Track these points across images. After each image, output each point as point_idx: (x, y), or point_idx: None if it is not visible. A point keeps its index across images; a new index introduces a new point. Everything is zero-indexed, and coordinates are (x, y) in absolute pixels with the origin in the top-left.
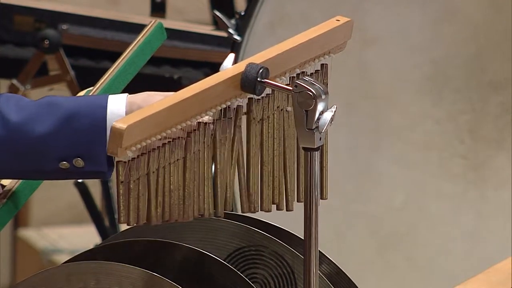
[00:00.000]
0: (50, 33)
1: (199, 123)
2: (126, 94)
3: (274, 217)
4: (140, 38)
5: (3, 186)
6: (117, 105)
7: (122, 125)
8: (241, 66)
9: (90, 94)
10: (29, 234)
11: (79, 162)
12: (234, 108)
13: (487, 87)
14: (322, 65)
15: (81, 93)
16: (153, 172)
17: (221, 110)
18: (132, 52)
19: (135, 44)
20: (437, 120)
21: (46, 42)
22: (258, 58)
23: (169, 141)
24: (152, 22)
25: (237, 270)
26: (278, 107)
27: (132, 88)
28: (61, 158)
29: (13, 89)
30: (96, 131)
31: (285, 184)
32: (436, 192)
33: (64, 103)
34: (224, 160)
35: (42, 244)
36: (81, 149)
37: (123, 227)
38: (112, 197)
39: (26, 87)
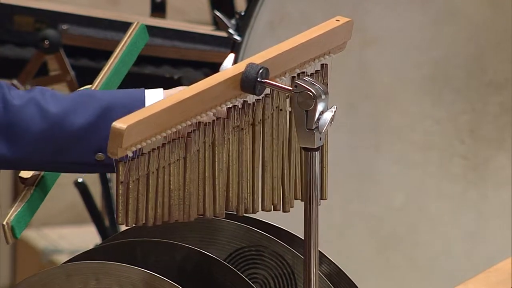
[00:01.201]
0: (50, 33)
1: (199, 123)
2: (161, 88)
3: (274, 217)
4: (126, 39)
5: (22, 180)
6: (156, 98)
7: (122, 125)
8: (241, 66)
9: None
10: (29, 234)
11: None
12: (235, 108)
13: (487, 87)
14: (322, 65)
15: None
16: (153, 172)
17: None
18: (122, 52)
19: (123, 45)
20: (437, 120)
21: (46, 42)
22: (258, 58)
23: (169, 141)
24: (135, 24)
25: (237, 270)
26: (277, 107)
27: (133, 88)
28: (98, 149)
29: None
30: None
31: (285, 184)
32: (436, 192)
33: (100, 95)
34: (224, 160)
35: (42, 244)
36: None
37: (123, 227)
38: (112, 197)
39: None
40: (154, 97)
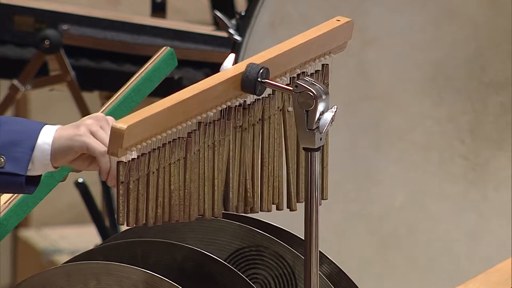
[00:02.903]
0: (50, 33)
1: (199, 123)
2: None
3: (275, 217)
4: (149, 65)
5: None
6: (49, 134)
7: (122, 125)
8: (242, 67)
9: None
10: (30, 234)
11: (0, 161)
12: (234, 108)
13: (487, 87)
14: (322, 65)
15: None
16: (153, 172)
17: (221, 110)
18: (139, 79)
19: (143, 71)
20: (437, 120)
21: (47, 42)
22: (259, 58)
23: (169, 142)
24: (163, 49)
25: (238, 270)
26: (278, 107)
27: None
28: None
29: (13, 90)
30: (28, 135)
31: (286, 184)
32: (437, 192)
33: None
34: (224, 160)
35: (42, 244)
36: (7, 148)
37: (124, 227)
38: (113, 197)
39: (27, 88)
40: (49, 132)
